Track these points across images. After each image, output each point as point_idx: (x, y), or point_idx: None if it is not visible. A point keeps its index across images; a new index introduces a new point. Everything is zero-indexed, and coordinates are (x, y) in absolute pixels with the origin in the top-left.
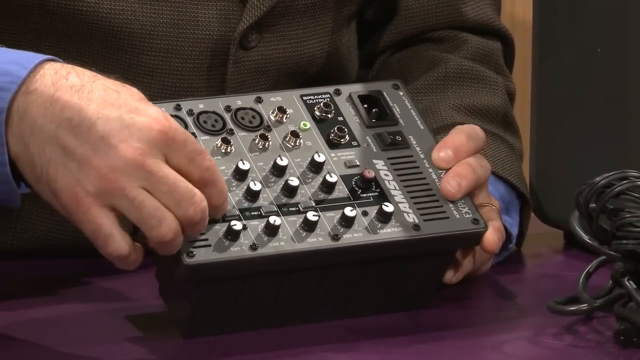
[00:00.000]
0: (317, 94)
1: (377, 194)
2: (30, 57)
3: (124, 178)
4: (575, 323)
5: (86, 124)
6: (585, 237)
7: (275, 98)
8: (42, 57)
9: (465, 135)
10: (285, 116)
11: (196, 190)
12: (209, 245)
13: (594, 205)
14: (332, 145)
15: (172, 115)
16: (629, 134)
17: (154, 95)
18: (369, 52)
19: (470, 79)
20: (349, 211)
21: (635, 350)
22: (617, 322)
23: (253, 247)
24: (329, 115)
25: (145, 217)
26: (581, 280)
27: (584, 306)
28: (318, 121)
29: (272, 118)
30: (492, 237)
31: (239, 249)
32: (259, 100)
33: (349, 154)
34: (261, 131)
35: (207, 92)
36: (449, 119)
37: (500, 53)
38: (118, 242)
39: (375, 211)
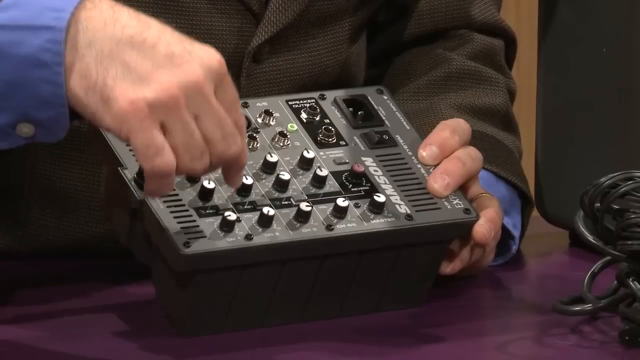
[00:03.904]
0: (302, 99)
1: (367, 187)
2: None
3: (184, 96)
4: (579, 323)
5: (149, 43)
6: (590, 238)
7: (261, 103)
8: None
9: (449, 129)
10: (272, 119)
11: (238, 133)
12: (205, 237)
13: (599, 205)
14: (321, 145)
15: None
16: (635, 135)
17: None
18: (379, 52)
19: (473, 79)
20: (341, 202)
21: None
22: (621, 323)
23: (248, 237)
24: (316, 118)
25: (192, 145)
26: (586, 280)
27: (588, 306)
28: (305, 124)
29: (260, 121)
30: (481, 228)
31: (235, 239)
32: (245, 105)
33: (337, 152)
34: (249, 132)
35: None
36: (449, 118)
37: (502, 51)
38: (169, 156)
39: (368, 202)
